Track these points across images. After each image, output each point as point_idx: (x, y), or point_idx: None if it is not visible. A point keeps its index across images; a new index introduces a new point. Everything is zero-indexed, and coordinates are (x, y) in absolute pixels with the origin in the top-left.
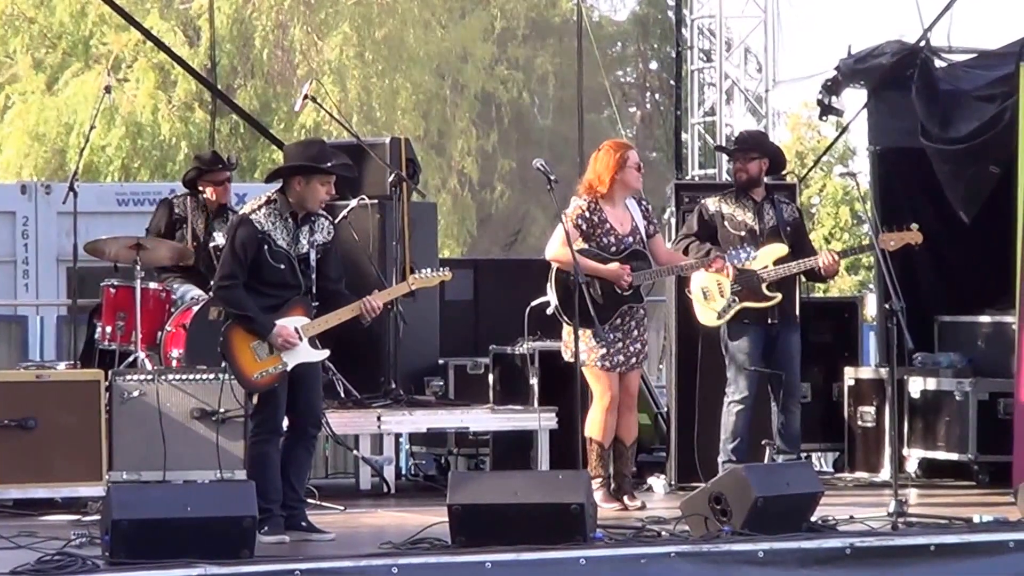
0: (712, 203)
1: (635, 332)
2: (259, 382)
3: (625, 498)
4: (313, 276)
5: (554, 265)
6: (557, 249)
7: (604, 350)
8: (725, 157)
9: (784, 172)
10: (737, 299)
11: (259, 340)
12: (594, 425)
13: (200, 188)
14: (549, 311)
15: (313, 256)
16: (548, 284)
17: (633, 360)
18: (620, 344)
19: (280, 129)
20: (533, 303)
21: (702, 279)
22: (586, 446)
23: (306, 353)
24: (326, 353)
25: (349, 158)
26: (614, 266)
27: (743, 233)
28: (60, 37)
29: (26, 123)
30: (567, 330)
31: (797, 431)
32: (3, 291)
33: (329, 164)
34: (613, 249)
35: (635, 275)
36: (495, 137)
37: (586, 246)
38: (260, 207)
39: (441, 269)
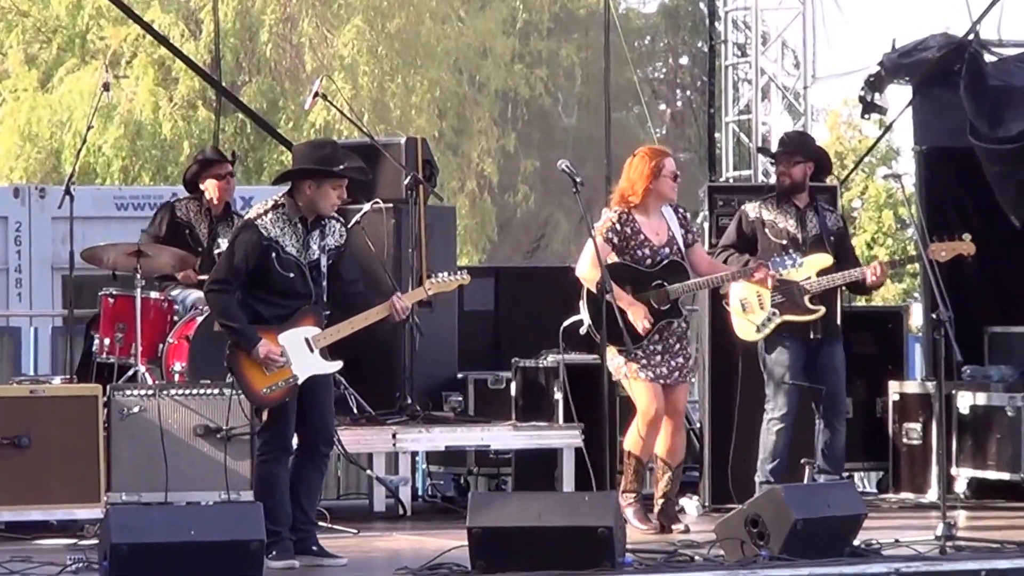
0: (752, 209)
1: (676, 347)
2: (268, 397)
3: (667, 522)
4: (324, 283)
5: (585, 284)
6: (588, 269)
7: (644, 361)
8: (762, 157)
9: (825, 176)
10: (778, 312)
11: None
12: (633, 438)
13: (202, 188)
14: (582, 331)
15: (324, 262)
16: (581, 303)
17: (676, 374)
18: (659, 358)
19: (288, 129)
20: (565, 323)
21: (741, 290)
22: (616, 463)
23: (318, 365)
24: (339, 365)
25: (362, 159)
26: (639, 310)
27: (784, 241)
28: (55, 31)
29: (18, 122)
30: (612, 351)
31: (841, 450)
32: None
33: (341, 167)
34: (648, 262)
35: (672, 289)
36: (516, 137)
37: (619, 260)
38: (267, 212)
39: (459, 273)
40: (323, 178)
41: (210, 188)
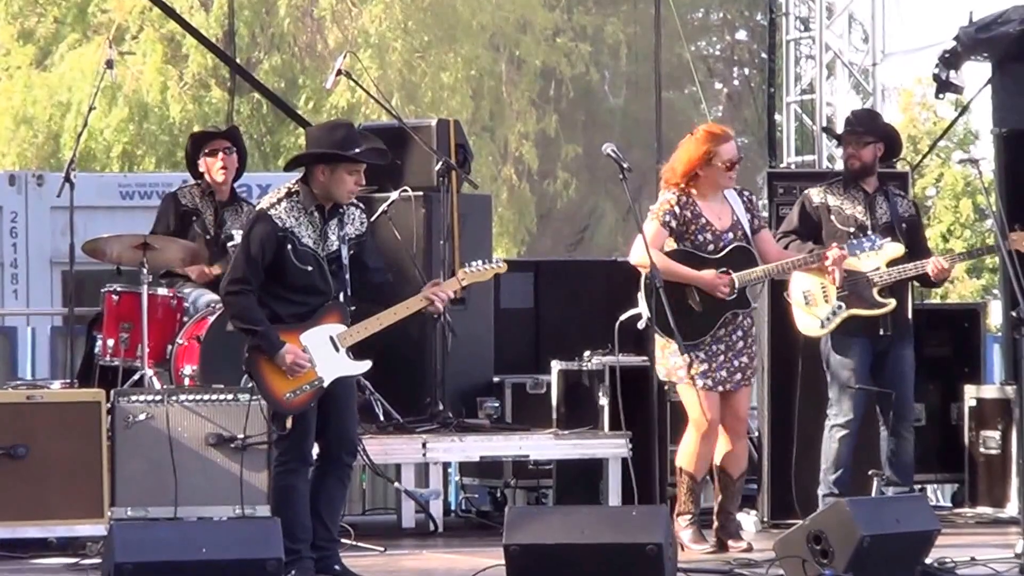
0: (816, 194)
1: (740, 344)
2: (293, 403)
3: (729, 541)
4: (347, 276)
5: (643, 272)
6: (644, 254)
7: (705, 365)
8: (827, 140)
9: (895, 159)
10: (844, 305)
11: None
12: (686, 454)
13: (201, 170)
14: (641, 324)
15: (345, 253)
16: (639, 294)
17: (739, 376)
18: (723, 358)
19: (308, 110)
20: (622, 317)
21: (804, 281)
22: (666, 475)
23: (345, 366)
24: (367, 365)
25: (390, 143)
26: (708, 273)
27: (852, 229)
28: (52, 3)
29: (12, 104)
30: (658, 345)
31: (910, 460)
32: None
33: (358, 151)
34: (711, 247)
35: (739, 275)
36: (558, 119)
37: (677, 246)
38: (280, 200)
39: (495, 261)
40: (337, 163)
41: (207, 168)
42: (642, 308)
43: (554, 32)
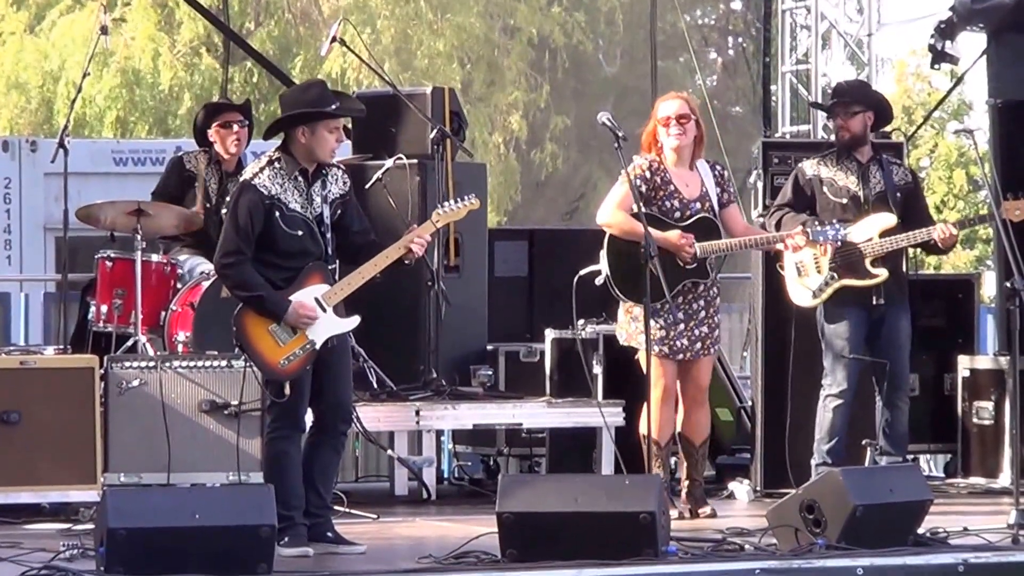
0: (810, 167)
1: (702, 314)
2: (288, 369)
3: (694, 504)
4: (330, 236)
5: (607, 232)
6: (611, 213)
7: (663, 332)
8: (822, 113)
9: (890, 129)
10: (836, 276)
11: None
12: (646, 420)
13: (211, 139)
14: (599, 281)
15: (327, 214)
16: (601, 251)
17: (699, 346)
18: (682, 327)
19: (302, 78)
20: (581, 271)
21: (797, 253)
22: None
23: (334, 325)
24: (356, 320)
25: (385, 111)
26: (673, 234)
27: (845, 201)
28: None
29: (4, 70)
30: (622, 308)
31: (904, 430)
32: None
33: (335, 106)
34: (677, 215)
35: (701, 245)
36: (552, 88)
37: (645, 210)
38: (262, 169)
39: (467, 198)
40: (316, 121)
41: (219, 139)
42: (602, 265)
43: (548, 1)
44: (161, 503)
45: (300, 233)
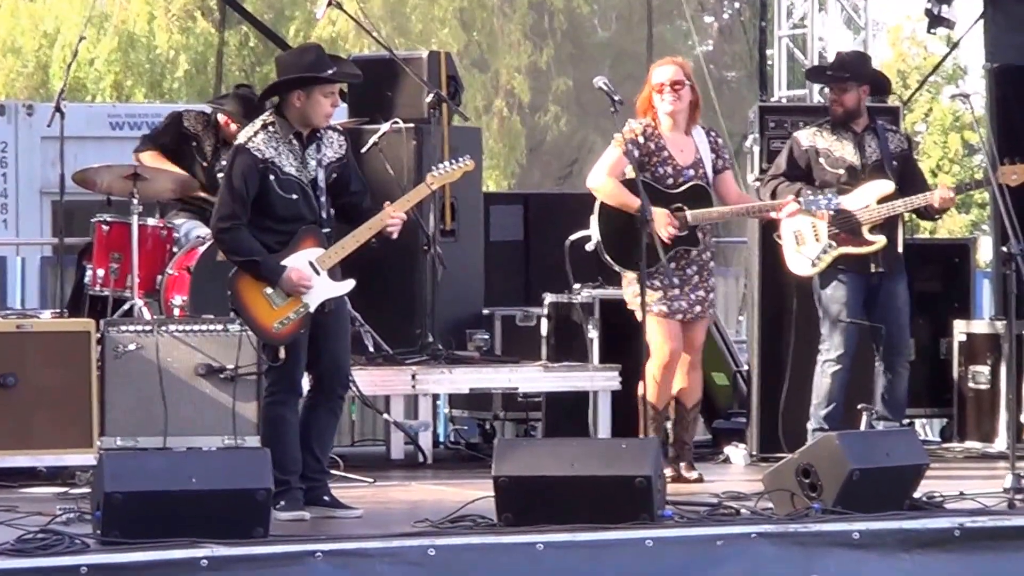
0: (805, 137)
1: (696, 279)
2: (281, 333)
3: (682, 467)
4: (324, 199)
5: (597, 197)
6: (602, 178)
7: (660, 293)
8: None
9: (885, 96)
10: (834, 244)
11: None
12: (648, 383)
13: (221, 120)
14: (589, 247)
15: (322, 177)
16: (592, 217)
17: (698, 308)
18: (678, 291)
19: (297, 41)
20: (572, 237)
21: (794, 221)
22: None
23: (328, 288)
24: (351, 284)
25: (381, 75)
26: (659, 211)
27: (841, 171)
28: None
29: (0, 34)
30: (627, 277)
31: (903, 396)
32: None
33: (331, 71)
34: (670, 182)
35: (693, 213)
36: (549, 52)
37: (638, 176)
38: (256, 133)
39: (462, 159)
40: (312, 85)
41: (225, 122)
42: (593, 230)
43: None
44: (157, 467)
45: (295, 197)
